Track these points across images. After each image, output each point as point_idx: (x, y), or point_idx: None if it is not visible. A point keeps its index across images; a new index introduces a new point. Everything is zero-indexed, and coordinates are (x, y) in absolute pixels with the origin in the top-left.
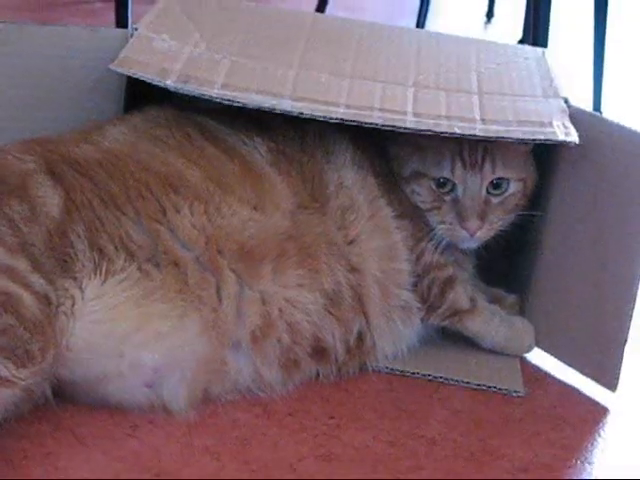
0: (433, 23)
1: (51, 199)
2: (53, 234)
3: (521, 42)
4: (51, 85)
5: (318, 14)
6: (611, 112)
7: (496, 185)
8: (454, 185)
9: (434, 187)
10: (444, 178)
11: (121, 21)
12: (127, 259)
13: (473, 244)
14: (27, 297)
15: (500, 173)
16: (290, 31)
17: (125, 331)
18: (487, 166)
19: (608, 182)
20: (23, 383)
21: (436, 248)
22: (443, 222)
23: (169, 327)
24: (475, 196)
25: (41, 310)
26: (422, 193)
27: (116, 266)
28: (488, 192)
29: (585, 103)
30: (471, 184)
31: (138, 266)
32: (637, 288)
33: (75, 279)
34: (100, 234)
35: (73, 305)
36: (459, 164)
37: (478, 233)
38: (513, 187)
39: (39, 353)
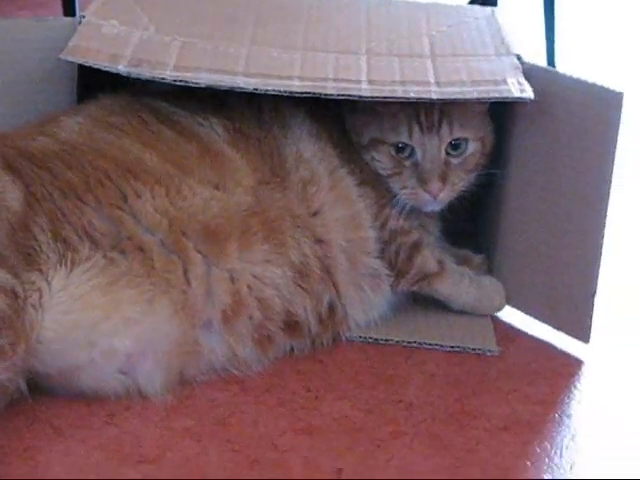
0: None
1: (11, 193)
2: (16, 228)
3: (471, 2)
4: (2, 79)
5: None
6: (565, 66)
7: (455, 146)
8: (413, 149)
9: (393, 153)
10: (402, 143)
11: (69, 11)
12: (92, 248)
13: (436, 206)
14: None
15: (458, 134)
16: (239, 8)
17: (94, 320)
18: (444, 128)
19: (566, 135)
20: None
21: (400, 214)
22: (405, 187)
23: (138, 312)
24: (435, 158)
25: (8, 305)
26: (382, 160)
27: (81, 255)
28: (447, 153)
29: (539, 59)
30: (430, 147)
31: (103, 254)
32: (603, 238)
33: (41, 271)
34: (63, 225)
35: (41, 297)
36: (416, 128)
37: (440, 195)
38: (472, 147)
39: (9, 348)
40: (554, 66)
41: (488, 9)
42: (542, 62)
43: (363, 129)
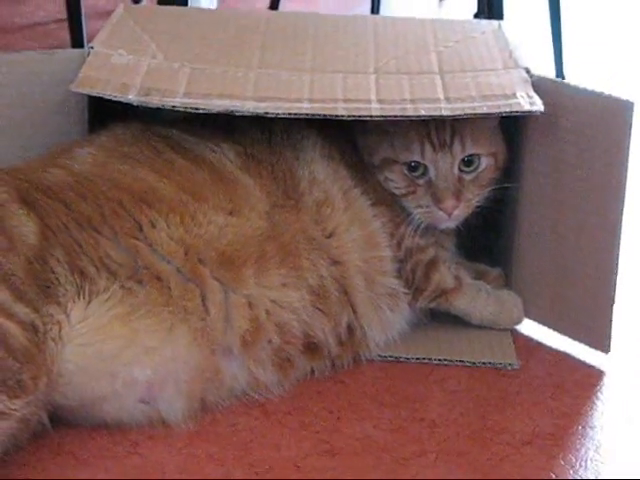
0: (388, 6)
1: (26, 227)
2: (32, 261)
3: (477, 16)
4: (13, 113)
5: (271, 12)
6: (574, 76)
7: (468, 162)
8: (426, 168)
9: (406, 172)
10: (415, 162)
11: (76, 39)
12: (109, 278)
13: (452, 224)
14: (13, 327)
15: (470, 150)
16: (245, 32)
17: (114, 350)
18: (456, 145)
19: (577, 146)
20: (18, 414)
21: (415, 231)
22: (420, 206)
23: (158, 341)
24: (448, 176)
25: (29, 339)
26: (395, 179)
27: (99, 286)
28: (460, 170)
29: (547, 70)
30: (443, 164)
31: (120, 284)
32: (619, 248)
33: (59, 304)
34: (79, 256)
35: (60, 330)
36: (428, 146)
37: (455, 212)
38: (485, 162)
39: (31, 382)
40: (563, 77)
41: (495, 23)
42: (551, 73)
43: (375, 149)
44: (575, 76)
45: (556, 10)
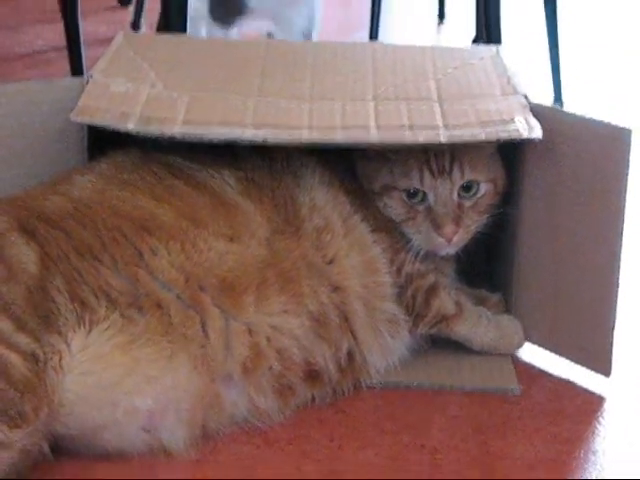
0: (386, 31)
1: (27, 256)
2: (33, 291)
3: (475, 40)
4: (13, 143)
5: (270, 40)
6: (572, 102)
7: (467, 188)
8: (425, 194)
9: (405, 198)
10: (414, 188)
11: (76, 67)
12: (109, 307)
13: (451, 250)
14: (14, 357)
15: (469, 176)
16: (244, 60)
17: (115, 379)
18: (455, 171)
19: (576, 172)
20: (19, 444)
21: (416, 258)
22: (419, 232)
23: (159, 369)
24: (447, 202)
25: (30, 369)
26: (394, 206)
27: (99, 315)
28: (460, 196)
29: (546, 95)
30: (442, 191)
31: (121, 313)
32: (619, 272)
33: (60, 333)
34: (80, 285)
35: (61, 359)
36: (427, 173)
37: (455, 238)
38: (484, 188)
39: (32, 412)
40: (561, 103)
41: (493, 48)
42: (549, 98)
43: (374, 176)
44: (573, 102)
45: (554, 35)
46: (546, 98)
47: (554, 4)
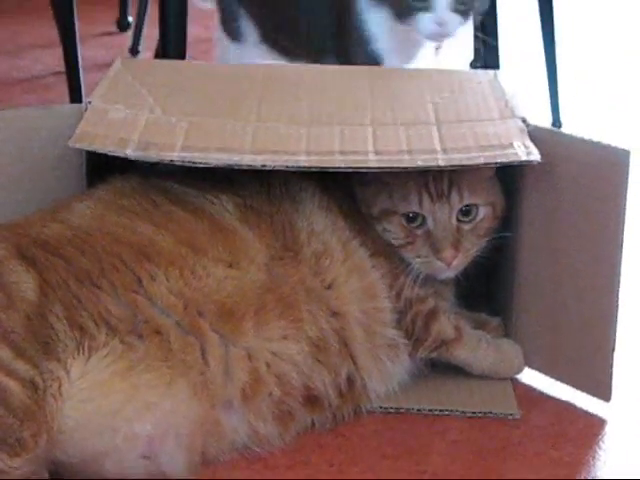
0: None
1: (26, 283)
2: (32, 318)
3: (473, 63)
4: (12, 169)
5: (268, 64)
6: (571, 124)
7: (465, 212)
8: (424, 218)
9: (404, 223)
10: (413, 212)
11: (74, 92)
12: (108, 333)
13: (451, 274)
14: (13, 385)
15: (468, 200)
16: (242, 85)
17: (115, 406)
18: (454, 195)
19: (574, 195)
20: (18, 472)
21: (415, 282)
22: (418, 256)
23: (158, 395)
24: (446, 226)
25: (29, 396)
26: (393, 230)
27: (98, 342)
28: (459, 220)
29: (544, 118)
30: (441, 215)
31: (120, 339)
32: (618, 295)
33: (59, 360)
34: (79, 312)
35: (60, 386)
36: (426, 196)
37: (454, 262)
38: (483, 212)
39: (31, 440)
40: (560, 125)
41: (491, 72)
42: (547, 121)
43: (373, 200)
44: (572, 124)
45: (552, 57)
46: (544, 119)
47: (552, 27)
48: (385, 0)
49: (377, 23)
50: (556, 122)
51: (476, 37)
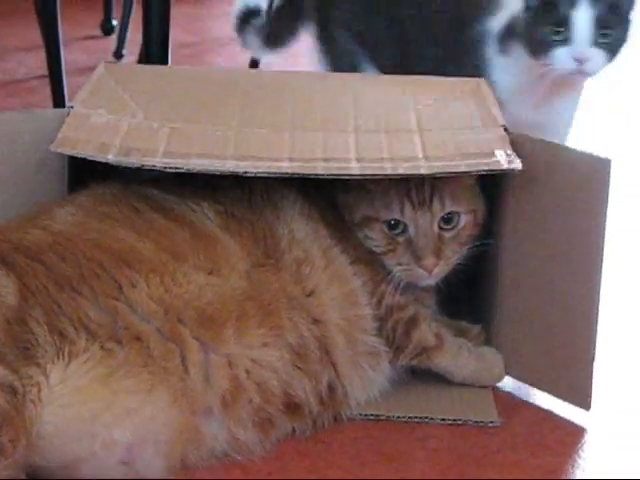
0: None
1: (6, 288)
2: (12, 322)
3: None
4: None
5: (251, 70)
6: None
7: (447, 220)
8: (405, 226)
9: (386, 230)
10: (394, 220)
11: (57, 96)
12: (88, 339)
13: (432, 281)
14: None
15: (450, 208)
16: (225, 90)
17: (94, 411)
18: (436, 203)
19: (555, 203)
20: None
21: (396, 289)
22: (400, 263)
23: (138, 402)
24: (428, 234)
25: (7, 401)
26: (375, 237)
27: (78, 348)
28: (440, 228)
29: None
30: (422, 223)
31: (100, 345)
32: (598, 304)
33: (39, 365)
34: (59, 317)
35: (39, 392)
36: (408, 204)
37: (435, 270)
38: (464, 220)
39: (10, 445)
40: None
41: (474, 81)
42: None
43: (355, 207)
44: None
45: None
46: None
47: None
48: (517, 35)
49: (504, 69)
50: None
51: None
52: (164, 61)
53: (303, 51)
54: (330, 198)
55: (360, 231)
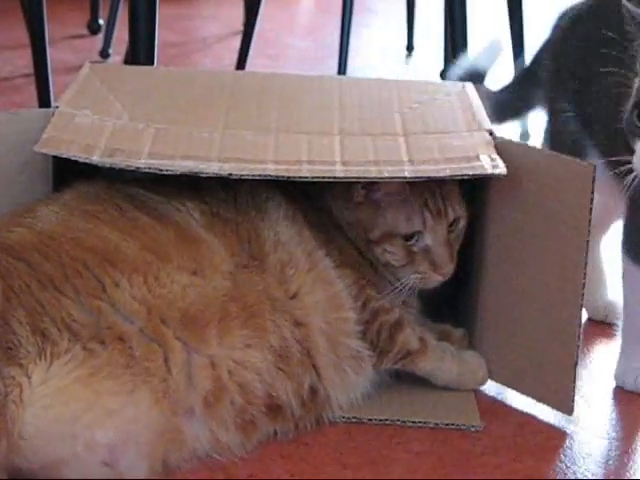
0: (355, 61)
1: None
2: None
3: (443, 72)
4: None
5: (237, 72)
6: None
7: (451, 223)
8: (420, 234)
9: (404, 242)
10: (416, 232)
11: (43, 95)
12: (71, 339)
13: (439, 283)
14: None
15: (458, 214)
16: (211, 92)
17: (76, 412)
18: (449, 210)
19: (539, 208)
20: None
21: (400, 296)
22: (417, 272)
23: (120, 403)
24: (445, 242)
25: None
26: (396, 252)
27: (60, 348)
28: (447, 232)
29: (512, 131)
30: (440, 232)
31: (83, 345)
32: (581, 310)
33: (21, 366)
34: (41, 317)
35: (21, 392)
36: (428, 215)
37: (449, 274)
38: (463, 221)
39: None
40: (528, 136)
41: (459, 84)
42: (516, 131)
43: (370, 224)
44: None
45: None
46: (513, 130)
47: (521, 37)
48: None
49: None
50: (525, 133)
51: (446, 46)
52: (150, 61)
53: (291, 54)
54: (316, 201)
55: (378, 247)
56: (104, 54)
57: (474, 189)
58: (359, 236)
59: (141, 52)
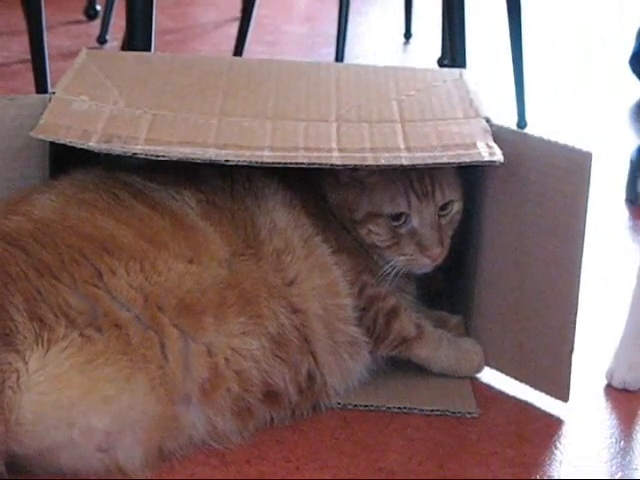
0: (352, 49)
1: None
2: None
3: (440, 59)
4: None
5: (234, 58)
6: (536, 124)
7: (443, 207)
8: (407, 217)
9: (389, 223)
10: (400, 213)
11: (40, 81)
12: (68, 326)
13: (431, 268)
14: None
15: (449, 196)
16: (208, 78)
17: (72, 399)
18: (437, 193)
19: (536, 196)
20: None
21: (391, 279)
22: (404, 254)
23: (116, 390)
24: (433, 224)
25: None
26: (380, 232)
27: (57, 334)
28: (438, 216)
29: (510, 118)
30: (427, 214)
31: (80, 332)
32: (577, 297)
33: (18, 352)
34: (38, 304)
35: (18, 379)
36: (413, 196)
37: (439, 258)
38: (457, 206)
39: None
40: (525, 125)
41: (456, 71)
42: (513, 121)
43: (355, 204)
44: (537, 124)
45: (519, 56)
46: (510, 119)
47: (519, 26)
48: None
49: None
50: (522, 122)
51: (444, 34)
52: (148, 47)
53: (288, 40)
54: (313, 188)
55: (362, 228)
56: (101, 40)
57: (471, 176)
58: (345, 217)
59: (138, 38)
